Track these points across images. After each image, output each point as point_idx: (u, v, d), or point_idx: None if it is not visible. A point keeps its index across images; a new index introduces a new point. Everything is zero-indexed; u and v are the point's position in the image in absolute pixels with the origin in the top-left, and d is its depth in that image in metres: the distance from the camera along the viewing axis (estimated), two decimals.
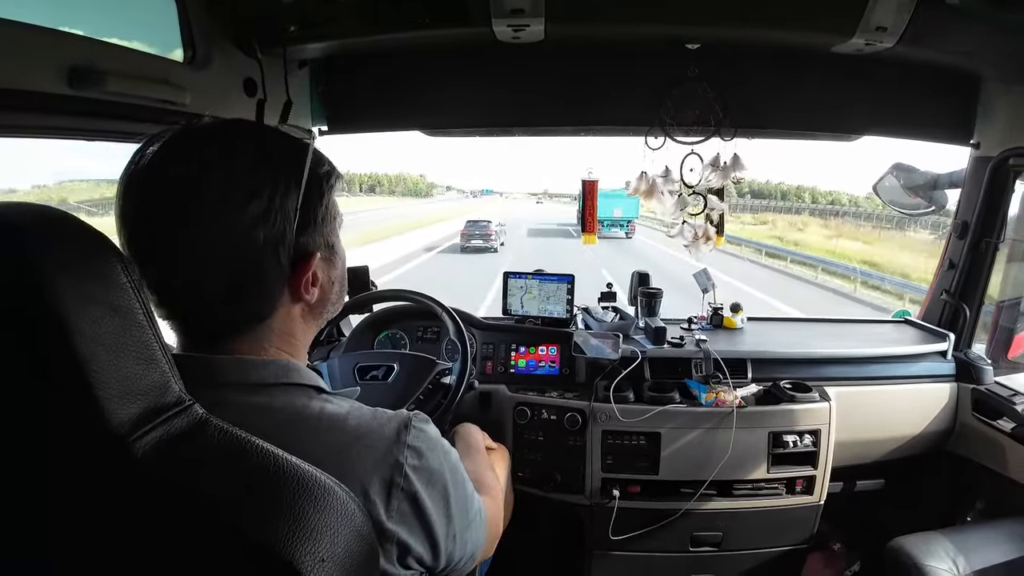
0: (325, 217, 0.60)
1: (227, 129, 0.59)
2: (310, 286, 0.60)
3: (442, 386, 1.36)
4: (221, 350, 0.57)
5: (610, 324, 1.82)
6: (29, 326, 0.40)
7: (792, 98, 1.68)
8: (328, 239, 0.61)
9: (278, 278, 0.57)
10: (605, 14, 1.35)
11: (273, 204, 0.54)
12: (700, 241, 1.80)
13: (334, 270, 0.64)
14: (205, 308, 0.56)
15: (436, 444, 0.61)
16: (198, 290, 0.54)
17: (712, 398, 1.54)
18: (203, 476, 0.44)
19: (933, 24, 1.28)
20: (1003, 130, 1.62)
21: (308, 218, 0.57)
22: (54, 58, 0.90)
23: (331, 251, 0.62)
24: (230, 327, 0.58)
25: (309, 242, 0.58)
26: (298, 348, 0.63)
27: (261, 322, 0.58)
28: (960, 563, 1.32)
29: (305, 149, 0.58)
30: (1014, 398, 1.60)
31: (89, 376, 0.40)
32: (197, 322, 0.57)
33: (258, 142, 0.58)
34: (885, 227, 26.72)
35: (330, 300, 0.65)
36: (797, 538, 1.62)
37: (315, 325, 0.65)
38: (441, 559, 0.61)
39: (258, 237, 0.54)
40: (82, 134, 1.05)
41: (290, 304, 0.60)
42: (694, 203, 1.77)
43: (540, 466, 1.60)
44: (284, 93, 1.40)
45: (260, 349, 0.59)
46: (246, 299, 0.56)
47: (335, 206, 0.62)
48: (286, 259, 0.56)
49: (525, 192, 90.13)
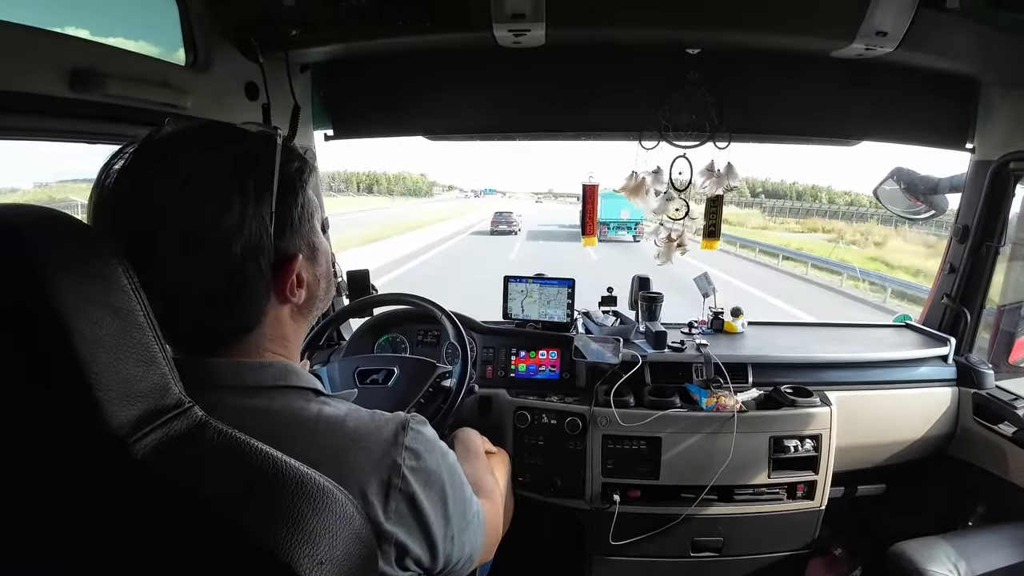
0: (302, 216, 0.58)
1: (187, 144, 0.55)
2: (296, 288, 0.59)
3: (442, 389, 1.36)
4: (218, 355, 0.57)
5: (611, 328, 1.82)
6: (29, 327, 0.40)
7: (791, 102, 1.69)
8: (308, 238, 0.60)
9: (262, 287, 0.56)
10: (606, 19, 1.35)
11: (246, 213, 0.52)
12: (672, 245, 1.79)
13: (318, 267, 0.63)
14: (194, 326, 0.55)
15: (434, 446, 0.61)
16: (190, 310, 0.54)
17: (713, 403, 1.54)
18: (202, 478, 0.44)
19: (933, 29, 1.29)
20: (1003, 134, 1.62)
21: (285, 220, 0.56)
22: (55, 60, 0.90)
23: (312, 249, 0.61)
24: (220, 339, 0.57)
25: (289, 245, 0.57)
26: (292, 349, 0.63)
27: (251, 331, 0.58)
28: (961, 568, 1.31)
29: (273, 147, 0.56)
30: (1015, 402, 1.60)
31: (89, 377, 0.40)
32: (188, 337, 0.57)
33: (222, 150, 0.55)
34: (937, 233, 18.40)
35: (318, 297, 0.64)
36: (798, 543, 1.61)
37: (306, 323, 0.65)
38: (439, 560, 0.61)
39: (236, 251, 0.52)
40: (83, 137, 1.05)
41: (278, 308, 0.59)
42: (678, 205, 1.76)
43: (540, 470, 1.59)
44: (287, 96, 1.40)
45: (255, 353, 0.59)
46: (233, 312, 0.56)
47: (312, 202, 0.60)
48: (267, 266, 0.55)
49: (529, 192, 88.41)
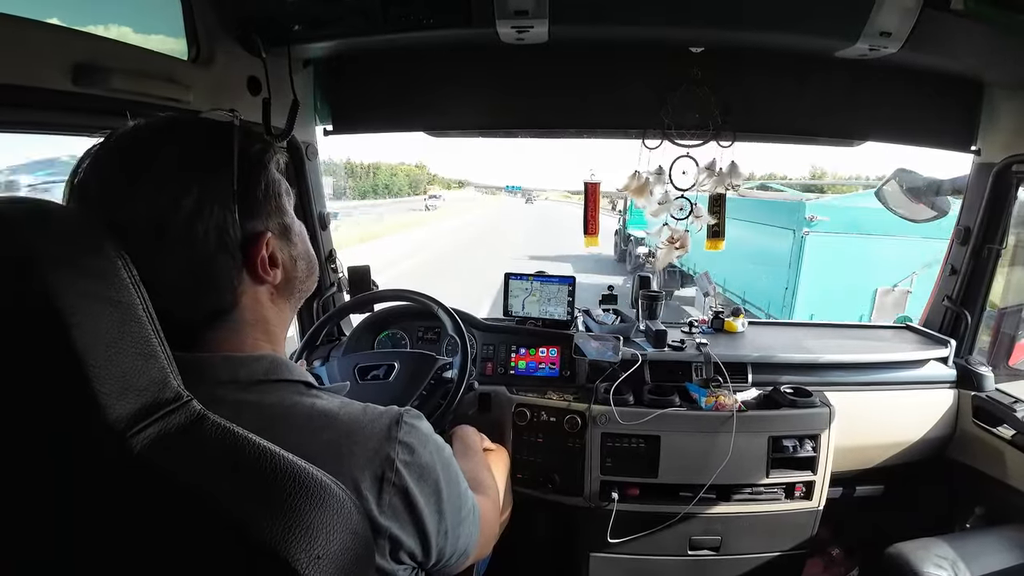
0: (267, 195, 0.59)
1: (147, 136, 0.56)
2: (268, 267, 0.59)
3: (443, 383, 1.36)
4: (206, 348, 0.57)
5: (611, 327, 1.82)
6: (28, 320, 0.40)
7: (794, 102, 1.68)
8: (278, 217, 0.60)
9: (230, 264, 0.56)
10: (608, 16, 1.35)
11: (205, 195, 0.53)
12: (672, 246, 1.79)
13: (294, 247, 0.63)
14: (169, 307, 0.54)
15: (428, 440, 0.62)
16: (162, 290, 0.52)
17: (712, 402, 1.54)
18: (200, 473, 0.44)
19: (937, 29, 1.28)
20: (1006, 136, 1.61)
21: (248, 199, 0.57)
22: (59, 54, 0.90)
23: (284, 228, 0.61)
24: (201, 324, 0.57)
25: (256, 223, 0.58)
26: (277, 337, 0.63)
27: (229, 312, 0.58)
28: (958, 569, 1.31)
29: (231, 130, 0.57)
30: (1015, 405, 1.60)
31: (88, 370, 0.40)
32: (166, 321, 0.57)
33: (177, 137, 0.57)
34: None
35: (297, 278, 0.64)
36: (796, 543, 1.61)
37: (288, 307, 0.65)
38: (432, 554, 0.61)
39: (199, 231, 0.53)
40: (86, 131, 1.05)
41: (255, 289, 0.59)
42: (681, 205, 1.76)
43: (539, 468, 1.60)
44: (289, 92, 1.40)
45: (241, 343, 0.59)
46: (206, 292, 0.56)
47: (278, 183, 0.61)
48: (234, 246, 0.56)
49: (564, 191, 77.13)
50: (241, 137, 0.57)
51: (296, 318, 1.75)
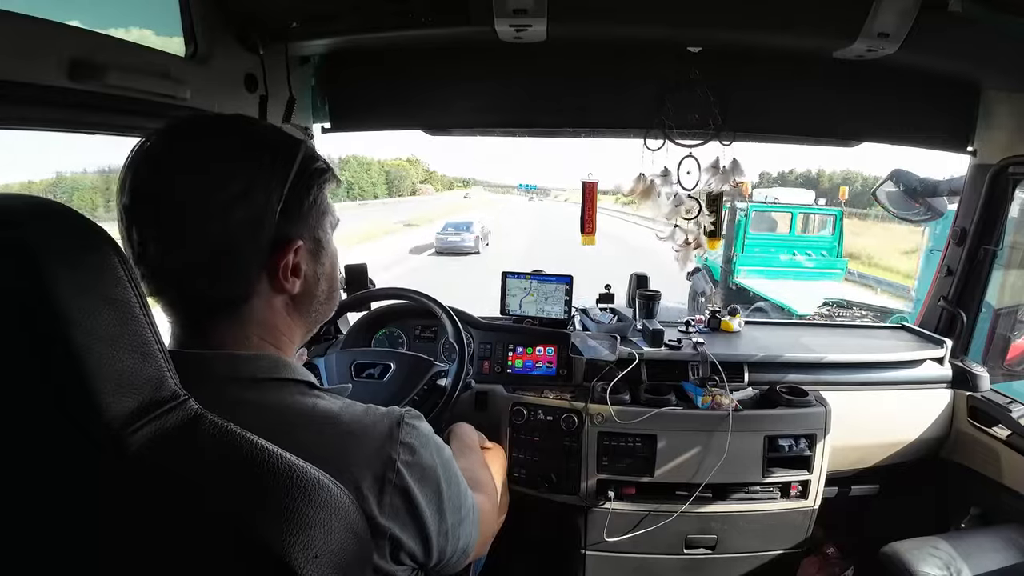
0: (312, 209, 0.60)
1: (231, 120, 0.64)
2: (290, 275, 0.59)
3: (437, 390, 1.36)
4: (209, 343, 0.57)
5: (608, 325, 1.82)
6: (25, 317, 0.40)
7: (792, 102, 1.69)
8: (314, 232, 0.61)
9: (253, 256, 0.57)
10: (608, 15, 1.35)
11: (254, 185, 0.55)
12: (690, 248, 1.79)
13: (321, 266, 0.63)
14: (187, 282, 0.56)
15: (428, 440, 0.62)
16: (183, 261, 0.55)
17: (708, 401, 1.54)
18: (197, 472, 0.44)
19: (935, 31, 1.29)
20: (1003, 138, 1.62)
21: (293, 206, 0.58)
22: (55, 51, 0.90)
23: (317, 245, 0.62)
24: (209, 307, 0.58)
25: (291, 229, 0.58)
26: (284, 343, 0.62)
27: (238, 306, 0.58)
28: (953, 569, 1.32)
29: (301, 143, 0.61)
30: (1010, 405, 1.61)
31: (85, 368, 0.40)
32: (180, 299, 0.58)
33: (256, 131, 0.62)
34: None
35: (316, 298, 0.64)
36: (791, 542, 1.62)
37: (302, 323, 0.65)
38: (433, 555, 0.61)
39: (237, 215, 0.54)
40: (82, 127, 1.05)
41: (270, 292, 0.59)
42: (689, 206, 1.76)
43: (535, 467, 1.60)
44: (286, 90, 1.40)
45: (244, 339, 0.59)
46: (222, 275, 0.56)
47: (327, 204, 0.63)
48: (265, 240, 0.56)
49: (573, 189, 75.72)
50: (307, 153, 0.61)
51: None
